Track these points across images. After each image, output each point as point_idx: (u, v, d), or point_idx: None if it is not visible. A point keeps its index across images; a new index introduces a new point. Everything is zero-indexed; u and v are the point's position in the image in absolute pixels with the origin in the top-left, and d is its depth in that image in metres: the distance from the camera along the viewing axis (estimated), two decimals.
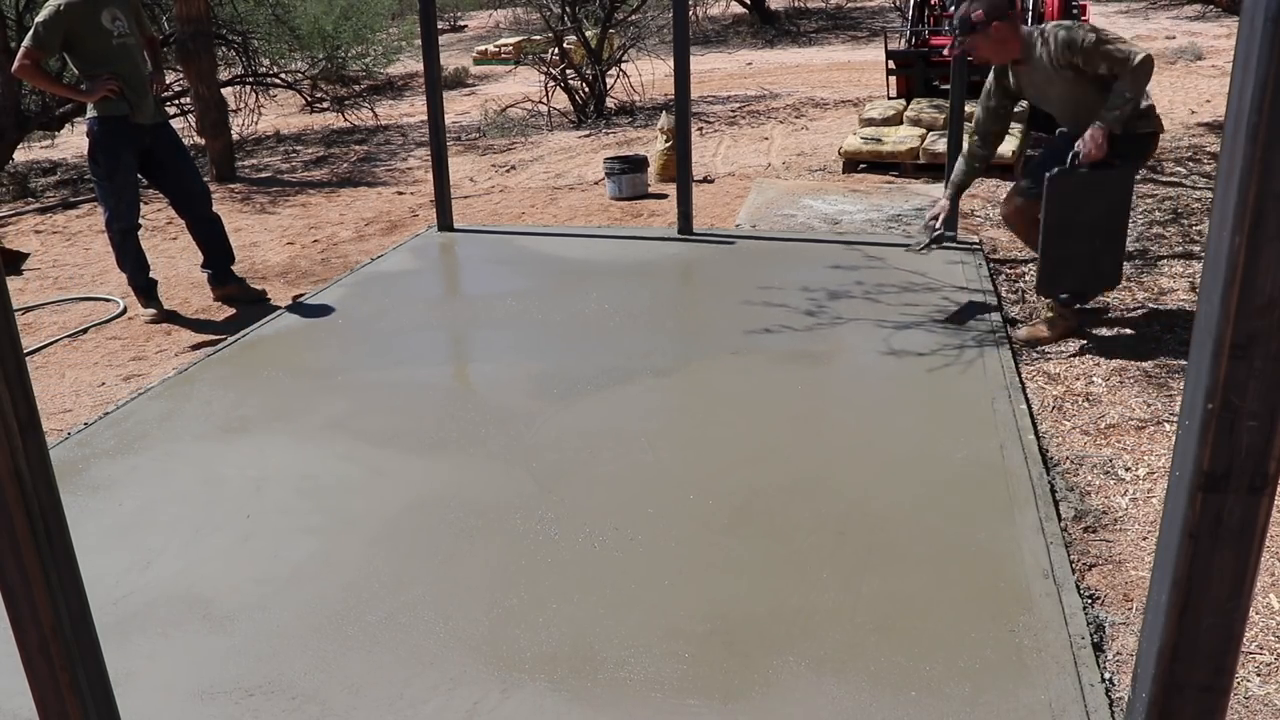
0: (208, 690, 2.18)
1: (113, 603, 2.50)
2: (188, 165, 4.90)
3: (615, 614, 2.38)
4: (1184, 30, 15.16)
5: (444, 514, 2.87)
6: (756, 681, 2.14)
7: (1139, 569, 2.58)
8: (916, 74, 8.81)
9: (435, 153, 5.91)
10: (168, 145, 4.80)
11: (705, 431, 3.33)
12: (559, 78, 11.05)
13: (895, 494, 2.87)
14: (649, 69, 11.25)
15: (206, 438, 3.42)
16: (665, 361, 3.91)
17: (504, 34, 20.50)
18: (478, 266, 5.44)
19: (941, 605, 2.36)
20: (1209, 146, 7.55)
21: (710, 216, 6.31)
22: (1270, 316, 1.19)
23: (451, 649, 2.28)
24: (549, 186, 7.73)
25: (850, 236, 5.62)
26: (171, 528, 2.85)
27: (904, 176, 7.29)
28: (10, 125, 8.76)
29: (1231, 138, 1.17)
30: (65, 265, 6.10)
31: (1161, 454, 3.14)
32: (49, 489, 1.32)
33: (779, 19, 20.15)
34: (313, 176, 8.86)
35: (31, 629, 1.36)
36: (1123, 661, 2.24)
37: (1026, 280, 4.85)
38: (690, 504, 2.85)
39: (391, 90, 15.15)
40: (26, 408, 1.26)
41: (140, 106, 4.63)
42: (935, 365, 3.76)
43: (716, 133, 9.52)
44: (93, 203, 7.82)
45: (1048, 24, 3.84)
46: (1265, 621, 2.36)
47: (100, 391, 4.06)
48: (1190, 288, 4.61)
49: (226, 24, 10.79)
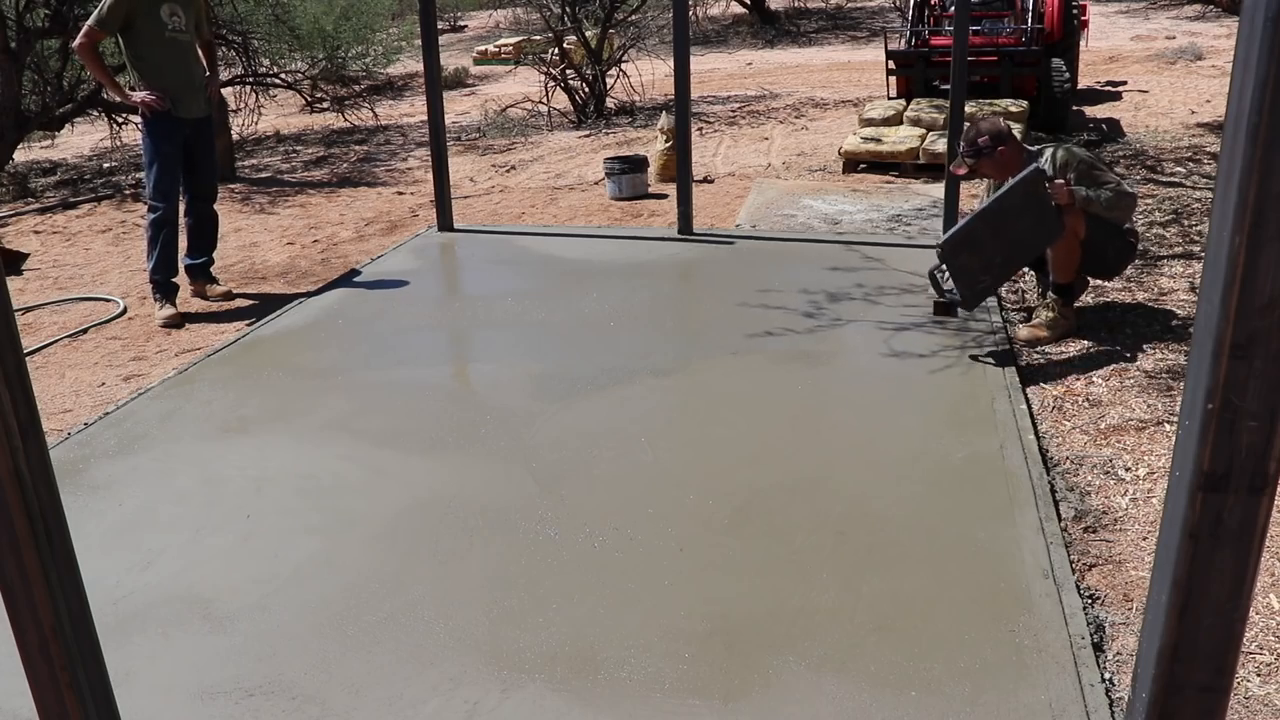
0: (208, 690, 2.18)
1: (113, 603, 2.50)
2: (212, 161, 5.10)
3: (615, 614, 2.38)
4: (1184, 30, 15.16)
5: (444, 514, 2.87)
6: (756, 681, 2.14)
7: (1139, 569, 2.58)
8: (916, 74, 8.82)
9: (435, 153, 5.91)
10: (205, 140, 5.00)
11: (705, 431, 3.33)
12: (559, 78, 11.05)
13: (895, 494, 2.87)
14: (649, 69, 11.26)
15: (206, 438, 3.42)
16: (665, 361, 3.91)
17: (504, 34, 20.50)
18: (478, 266, 5.44)
19: (941, 605, 2.36)
20: (1209, 146, 7.55)
21: (710, 216, 6.31)
22: (1270, 316, 1.19)
23: (451, 649, 2.28)
24: (549, 186, 7.73)
25: (850, 237, 5.62)
26: (171, 528, 2.85)
27: (904, 176, 7.29)
28: (10, 125, 8.76)
29: (1231, 138, 1.17)
30: (65, 265, 6.10)
31: (1161, 454, 3.14)
32: (49, 489, 1.32)
33: (779, 19, 20.15)
34: (312, 176, 8.86)
35: (31, 629, 1.36)
36: (1123, 661, 2.24)
37: (1026, 280, 4.85)
38: (690, 504, 2.85)
39: (391, 90, 15.15)
40: (26, 408, 1.26)
41: (184, 102, 4.78)
42: (935, 365, 3.76)
43: (716, 133, 9.52)
44: (92, 203, 7.82)
45: (1048, 146, 4.07)
46: (1265, 621, 2.36)
47: (100, 391, 4.06)
48: (1190, 288, 4.61)
49: (226, 24, 10.77)
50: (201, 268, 5.16)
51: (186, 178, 4.99)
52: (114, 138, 10.93)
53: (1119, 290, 4.63)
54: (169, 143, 4.79)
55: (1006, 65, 8.44)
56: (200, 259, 5.14)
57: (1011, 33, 8.76)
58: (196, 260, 5.14)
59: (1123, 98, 10.01)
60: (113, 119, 10.73)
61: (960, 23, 5.07)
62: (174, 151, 4.82)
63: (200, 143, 4.95)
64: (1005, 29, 8.84)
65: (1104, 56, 12.89)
